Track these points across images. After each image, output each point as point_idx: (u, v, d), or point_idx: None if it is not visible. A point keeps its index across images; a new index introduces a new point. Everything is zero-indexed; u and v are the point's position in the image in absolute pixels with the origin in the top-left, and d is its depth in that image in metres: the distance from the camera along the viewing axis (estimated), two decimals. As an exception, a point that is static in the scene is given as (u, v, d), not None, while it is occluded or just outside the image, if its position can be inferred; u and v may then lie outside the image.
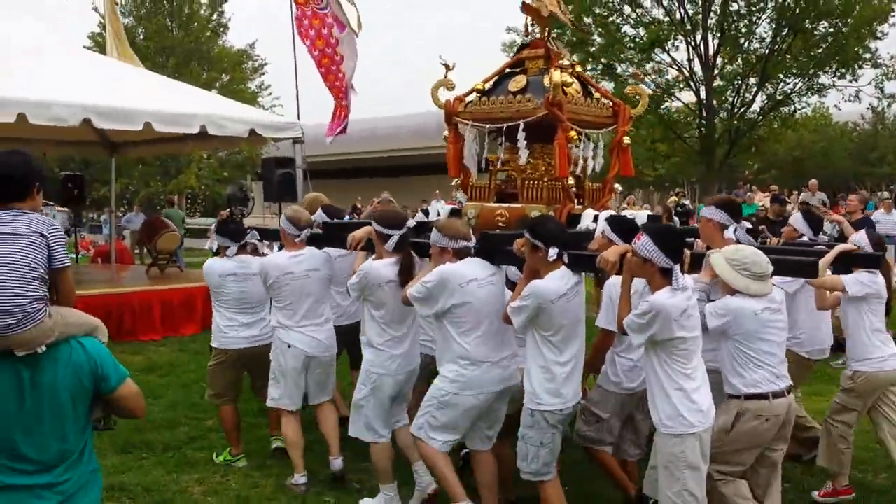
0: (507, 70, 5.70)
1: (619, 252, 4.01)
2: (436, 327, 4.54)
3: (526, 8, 5.69)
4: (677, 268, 3.73)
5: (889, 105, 17.23)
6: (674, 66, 16.88)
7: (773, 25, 16.13)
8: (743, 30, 16.32)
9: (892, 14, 15.60)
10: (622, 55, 16.74)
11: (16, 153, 2.87)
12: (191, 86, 13.50)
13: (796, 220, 5.80)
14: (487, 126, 5.50)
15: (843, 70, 15.91)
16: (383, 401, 4.82)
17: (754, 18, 16.16)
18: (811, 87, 16.57)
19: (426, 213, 6.05)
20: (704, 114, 16.61)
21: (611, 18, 16.76)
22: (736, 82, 16.72)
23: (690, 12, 16.31)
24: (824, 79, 16.46)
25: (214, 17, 28.55)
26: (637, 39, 16.35)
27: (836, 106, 17.67)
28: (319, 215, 5.91)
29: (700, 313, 3.97)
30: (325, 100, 10.27)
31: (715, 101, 16.61)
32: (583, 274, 4.29)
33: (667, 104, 17.35)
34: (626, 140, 5.53)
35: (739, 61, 16.65)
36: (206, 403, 6.27)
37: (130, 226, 19.31)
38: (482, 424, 4.42)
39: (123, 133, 11.49)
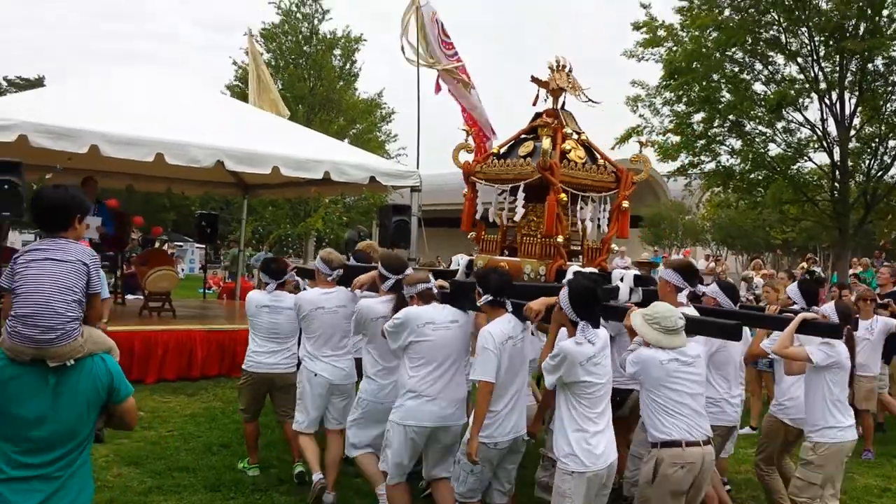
0: (522, 136, 6.24)
1: (545, 303, 4.57)
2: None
3: (536, 80, 6.22)
4: (584, 323, 4.22)
5: None
6: (806, 126, 16.18)
7: (916, 86, 15.30)
8: (881, 90, 15.49)
9: None
10: (751, 113, 16.19)
11: (59, 188, 3.36)
12: (317, 133, 14.04)
13: (791, 290, 6.04)
14: (496, 186, 6.12)
15: None
16: (372, 423, 5.41)
17: (894, 78, 15.35)
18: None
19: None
20: (838, 176, 15.79)
21: (741, 76, 16.29)
22: (873, 144, 15.84)
23: (827, 70, 15.66)
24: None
25: (347, 66, 29.65)
26: (766, 97, 15.80)
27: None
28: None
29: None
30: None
31: (850, 164, 15.77)
32: (528, 323, 4.75)
33: (798, 165, 16.60)
34: (625, 204, 6.05)
35: (878, 123, 15.78)
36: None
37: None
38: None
39: (255, 175, 12.08)
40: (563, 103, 6.25)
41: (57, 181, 12.45)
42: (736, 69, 16.27)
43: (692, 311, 5.09)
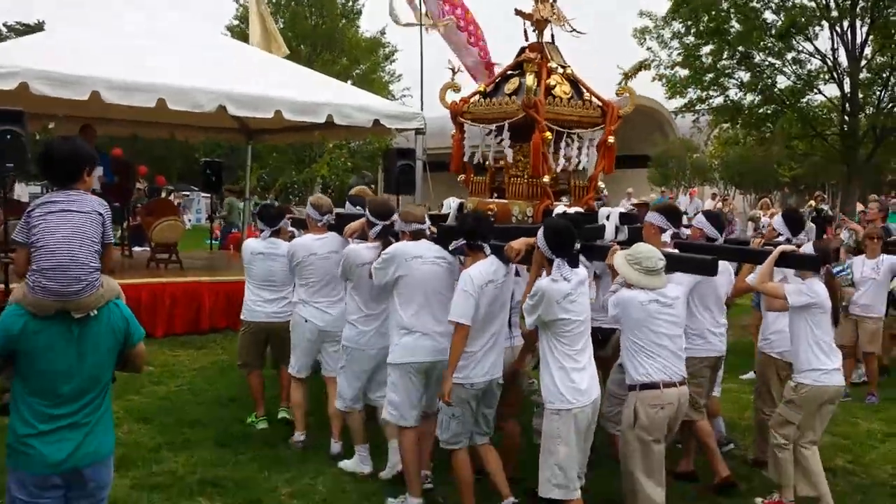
0: (508, 73, 6.14)
1: (526, 243, 4.58)
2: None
3: (519, 13, 6.08)
4: (559, 260, 4.26)
5: None
6: (816, 56, 15.82)
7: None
8: (894, 17, 15.08)
9: None
10: (761, 43, 15.82)
11: (67, 140, 3.38)
12: (320, 74, 13.79)
13: (777, 221, 6.01)
14: (482, 126, 6.05)
15: None
16: (357, 373, 5.48)
17: (907, 4, 14.94)
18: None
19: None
20: (848, 109, 15.51)
21: (751, 4, 15.85)
22: (885, 75, 15.50)
23: (838, -3, 15.23)
24: None
25: (349, 3, 29.09)
26: (776, 26, 15.39)
27: None
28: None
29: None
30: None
31: (861, 95, 15.47)
32: (511, 265, 4.79)
33: (808, 98, 16.29)
34: (611, 139, 5.93)
35: (889, 53, 15.40)
36: (313, 399, 6.50)
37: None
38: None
39: (259, 120, 11.93)
40: (552, 36, 6.12)
41: (58, 130, 12.35)
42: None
43: (674, 252, 5.08)
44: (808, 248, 5.53)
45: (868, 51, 15.65)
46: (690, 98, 16.91)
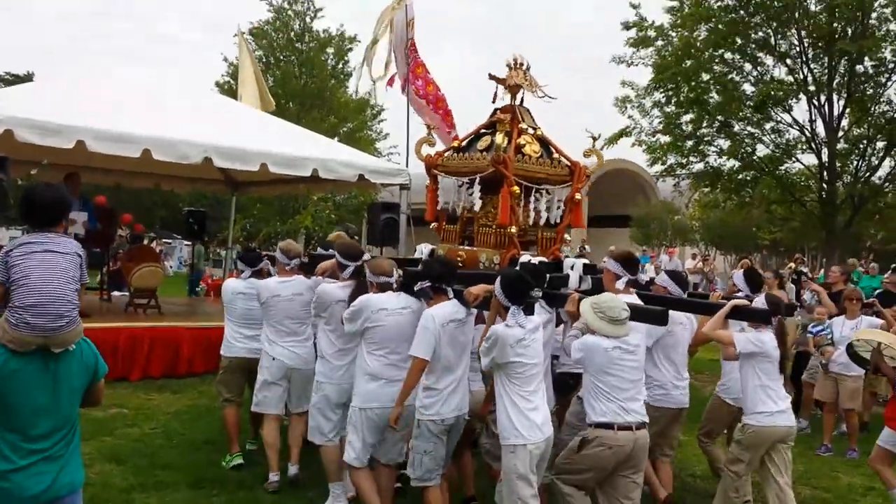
0: (482, 131, 6.58)
1: (484, 289, 4.93)
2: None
3: (493, 77, 6.53)
4: (514, 308, 4.55)
5: None
6: (794, 127, 16.24)
7: (905, 88, 15.38)
8: (871, 91, 15.55)
9: None
10: (740, 113, 16.24)
11: (50, 187, 3.53)
12: (306, 130, 14.00)
13: (737, 277, 6.41)
14: (455, 178, 6.42)
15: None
16: (331, 407, 5.61)
17: (883, 80, 15.41)
18: (945, 153, 15.63)
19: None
20: (826, 177, 15.86)
21: (730, 76, 16.33)
22: (861, 145, 15.91)
23: (816, 72, 15.73)
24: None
25: (339, 65, 29.59)
26: (754, 97, 15.85)
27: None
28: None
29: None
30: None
31: (838, 165, 15.84)
32: (472, 309, 5.02)
33: (786, 165, 16.66)
34: (579, 196, 6.41)
35: (866, 124, 15.84)
36: (286, 442, 6.46)
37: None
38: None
39: (244, 172, 12.04)
40: (522, 100, 6.54)
41: (42, 177, 12.40)
42: (725, 70, 16.31)
43: (633, 299, 5.30)
44: (760, 298, 5.87)
45: (845, 122, 16.05)
46: (671, 163, 17.22)
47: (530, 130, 6.42)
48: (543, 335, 4.94)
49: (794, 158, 16.73)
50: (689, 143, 16.65)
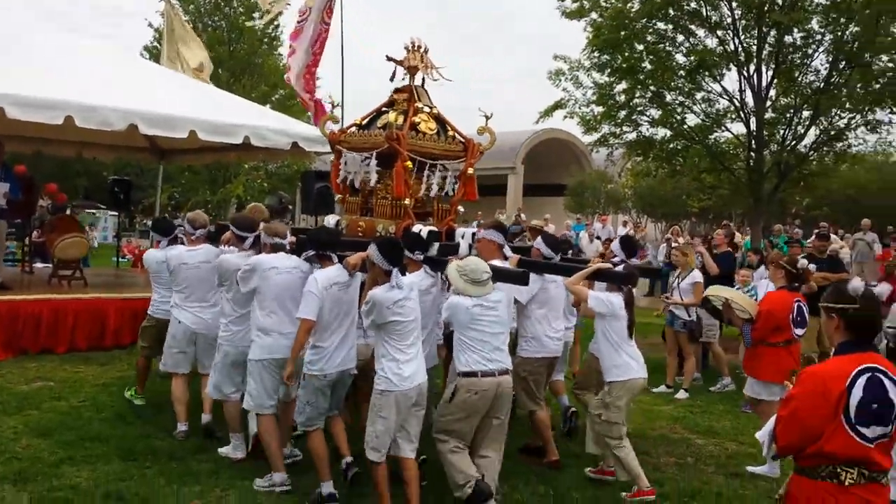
0: (383, 109, 7.02)
1: (360, 257, 5.35)
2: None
3: (390, 59, 6.94)
4: (395, 270, 5.06)
5: (948, 142, 16.65)
6: (724, 96, 16.51)
7: (830, 59, 15.72)
8: (798, 62, 15.89)
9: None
10: (672, 83, 16.42)
11: None
12: (237, 97, 13.65)
13: (615, 245, 7.00)
14: (355, 154, 6.81)
15: (902, 106, 15.43)
16: (231, 367, 6.06)
17: (810, 51, 15.75)
18: (867, 122, 16.09)
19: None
20: (754, 146, 16.20)
21: (661, 45, 16.47)
22: (788, 115, 16.27)
23: (746, 42, 15.97)
24: (881, 115, 15.96)
25: (269, 29, 28.92)
26: (686, 66, 16.04)
27: (891, 145, 17.02)
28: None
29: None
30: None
31: (765, 134, 16.18)
32: (358, 274, 5.51)
33: (716, 134, 16.94)
34: (471, 170, 6.87)
35: (793, 94, 16.20)
36: (221, 409, 6.43)
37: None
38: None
39: (171, 140, 11.69)
40: (423, 81, 6.99)
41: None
42: (658, 40, 16.43)
43: (502, 263, 5.94)
44: (619, 269, 6.30)
45: (773, 92, 16.36)
46: (604, 133, 17.34)
47: (426, 109, 6.86)
48: (429, 298, 5.58)
49: (723, 128, 17.00)
50: (623, 113, 16.76)
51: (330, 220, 7.05)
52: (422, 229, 6.09)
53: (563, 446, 6.81)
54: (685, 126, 16.71)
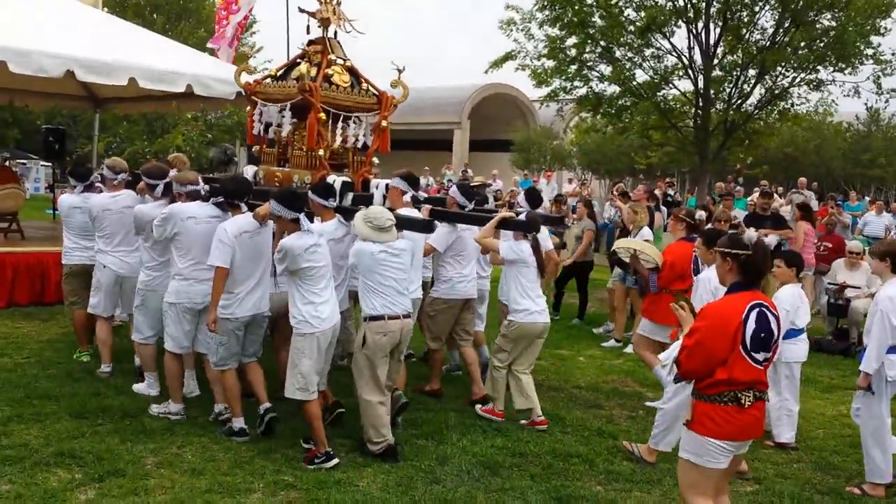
0: (297, 60, 7.09)
1: (267, 209, 5.47)
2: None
3: (303, 10, 7.00)
4: (303, 217, 5.31)
5: (887, 101, 17.05)
6: (673, 53, 16.61)
7: (776, 16, 15.90)
8: (745, 19, 16.03)
9: (894, 9, 15.39)
10: (622, 39, 16.44)
11: None
12: (179, 44, 13.16)
13: (520, 196, 7.64)
14: (271, 105, 6.83)
15: (843, 65, 15.71)
16: (150, 312, 6.25)
17: (757, 8, 15.90)
18: (810, 81, 16.38)
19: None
20: (701, 104, 16.37)
21: (613, 0, 16.43)
22: (735, 73, 16.47)
23: (694, -1, 16.04)
24: (823, 74, 16.27)
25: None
26: (636, 23, 16.05)
27: (833, 102, 17.39)
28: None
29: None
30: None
31: (712, 92, 16.36)
32: (269, 222, 5.68)
33: (664, 91, 17.07)
34: (385, 123, 7.06)
35: (740, 52, 16.37)
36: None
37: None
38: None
39: (108, 88, 11.24)
40: (336, 33, 7.06)
41: None
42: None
43: (412, 212, 6.27)
44: (522, 216, 6.68)
45: (720, 50, 16.51)
46: (555, 87, 17.31)
47: (339, 62, 6.96)
48: (342, 246, 5.81)
49: (671, 85, 17.13)
50: (573, 67, 16.74)
51: (248, 171, 7.27)
52: (336, 180, 6.25)
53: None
54: (634, 83, 16.78)
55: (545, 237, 7.38)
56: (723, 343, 3.81)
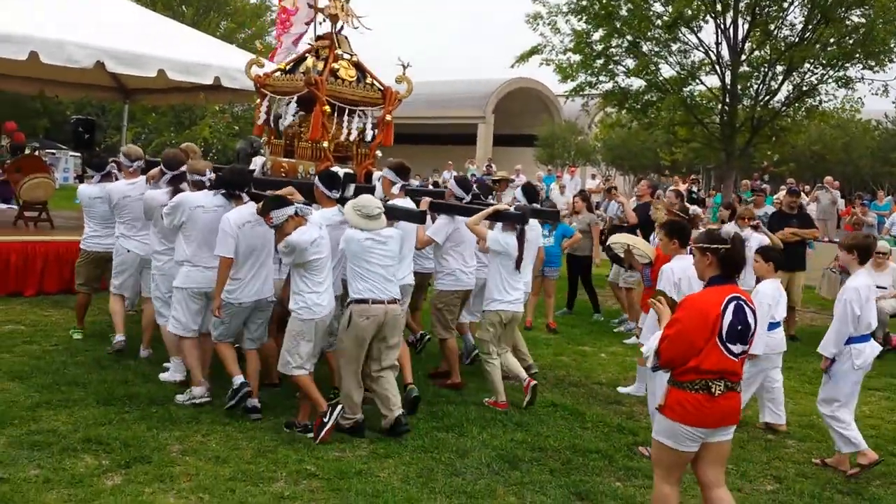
0: (306, 55, 7.26)
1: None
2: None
3: (311, 6, 7.30)
4: (299, 207, 5.53)
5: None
6: (700, 48, 16.47)
7: (805, 13, 15.72)
8: (774, 15, 15.86)
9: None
10: (649, 33, 16.32)
11: None
12: (207, 36, 13.28)
13: (518, 191, 7.60)
14: (279, 97, 7.07)
15: (872, 62, 15.52)
16: (164, 296, 6.50)
17: (786, 4, 15.73)
18: (839, 78, 16.18)
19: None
20: (727, 100, 16.23)
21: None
22: (763, 69, 16.30)
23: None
24: (852, 71, 16.06)
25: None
26: (664, 17, 15.92)
27: (860, 100, 17.15)
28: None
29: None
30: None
31: (740, 88, 16.21)
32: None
33: (690, 87, 16.93)
34: (389, 117, 7.23)
35: (768, 48, 16.20)
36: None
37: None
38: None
39: (137, 79, 11.36)
40: (341, 28, 7.23)
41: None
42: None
43: (405, 202, 6.50)
44: (512, 209, 6.91)
45: (748, 46, 16.36)
46: (580, 82, 17.23)
47: (347, 57, 7.13)
48: (339, 233, 5.87)
49: (698, 80, 16.99)
50: (599, 61, 16.66)
51: (258, 162, 7.51)
52: (339, 170, 6.40)
53: (542, 397, 6.99)
54: (660, 77, 16.67)
55: (539, 233, 7.67)
56: (702, 333, 3.94)
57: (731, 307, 3.98)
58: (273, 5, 28.97)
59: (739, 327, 3.99)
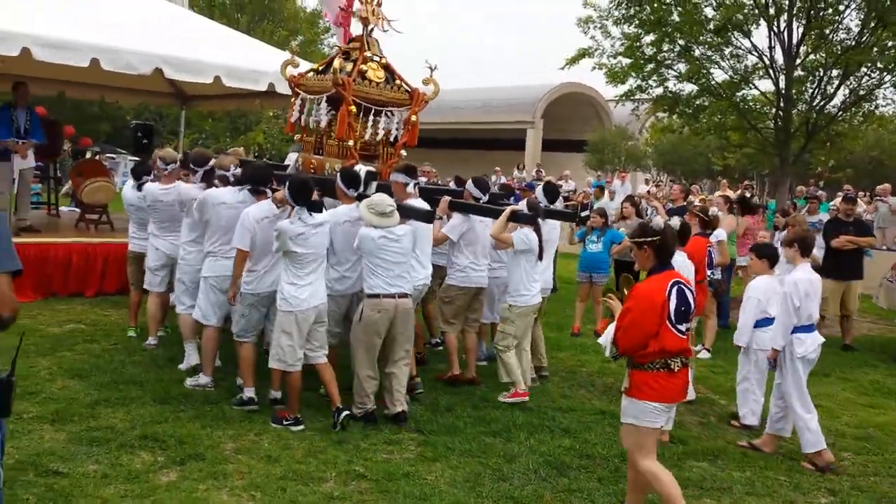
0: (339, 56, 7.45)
1: (283, 195, 5.98)
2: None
3: (342, 9, 7.64)
4: (299, 208, 5.77)
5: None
6: (753, 53, 16.21)
7: (862, 16, 15.36)
8: (829, 18, 15.53)
9: None
10: (700, 37, 16.11)
11: None
12: (262, 43, 13.50)
13: (538, 191, 7.90)
14: (310, 96, 7.37)
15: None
16: (188, 285, 6.94)
17: (842, 7, 15.39)
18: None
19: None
20: (782, 104, 15.93)
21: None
22: (818, 73, 15.98)
23: (777, -4, 15.59)
24: (910, 76, 15.64)
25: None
26: (715, 20, 15.71)
27: (922, 105, 16.71)
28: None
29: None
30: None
31: (794, 92, 15.91)
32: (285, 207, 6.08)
33: (743, 91, 16.66)
34: (414, 118, 7.42)
35: (823, 52, 15.87)
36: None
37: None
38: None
39: (195, 86, 11.61)
40: (372, 30, 7.44)
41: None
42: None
43: (418, 202, 6.68)
44: (522, 203, 7.35)
45: (802, 49, 16.04)
46: (631, 87, 17.08)
47: (376, 59, 7.35)
48: (356, 229, 6.09)
49: (751, 85, 16.71)
50: (650, 66, 16.49)
51: (291, 158, 7.87)
52: (362, 169, 6.62)
53: (590, 404, 7.04)
54: (712, 82, 16.45)
55: (558, 232, 8.01)
56: (652, 318, 4.33)
57: (674, 291, 4.39)
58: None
59: (683, 308, 4.41)
